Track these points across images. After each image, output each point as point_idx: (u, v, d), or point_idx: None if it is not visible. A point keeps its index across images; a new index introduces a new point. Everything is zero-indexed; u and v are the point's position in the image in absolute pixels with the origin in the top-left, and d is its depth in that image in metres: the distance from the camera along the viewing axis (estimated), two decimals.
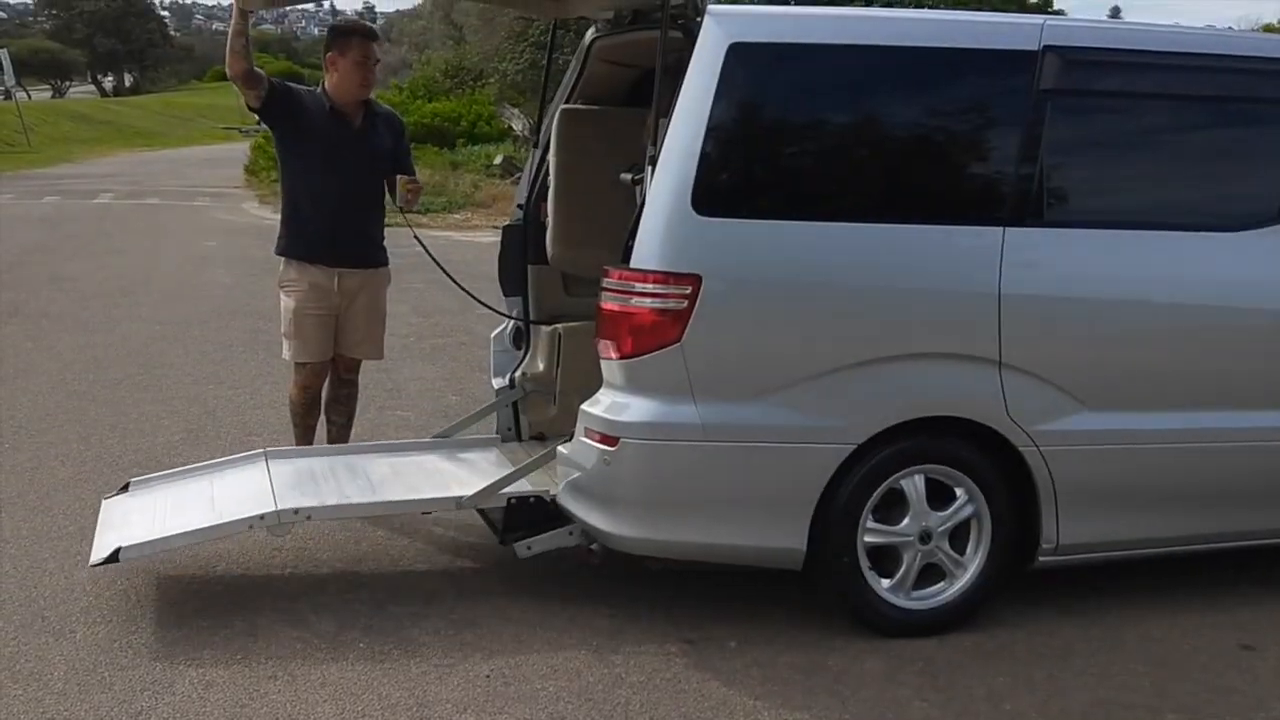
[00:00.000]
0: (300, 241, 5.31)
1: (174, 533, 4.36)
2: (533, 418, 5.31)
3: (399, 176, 5.38)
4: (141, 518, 4.58)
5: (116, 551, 4.24)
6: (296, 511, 4.40)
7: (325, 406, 5.58)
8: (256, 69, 5.06)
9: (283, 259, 5.36)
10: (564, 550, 4.44)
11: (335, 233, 5.26)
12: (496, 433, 5.39)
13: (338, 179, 5.22)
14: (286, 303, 5.32)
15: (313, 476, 4.78)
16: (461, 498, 4.51)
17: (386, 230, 5.55)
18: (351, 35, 5.25)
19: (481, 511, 4.69)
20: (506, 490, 4.47)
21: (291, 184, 5.34)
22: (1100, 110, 4.37)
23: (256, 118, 5.44)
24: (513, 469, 4.62)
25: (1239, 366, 4.41)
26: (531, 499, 4.41)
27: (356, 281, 5.36)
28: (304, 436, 5.54)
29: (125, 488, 4.96)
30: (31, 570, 4.70)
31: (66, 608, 4.39)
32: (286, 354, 5.43)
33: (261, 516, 4.36)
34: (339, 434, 5.60)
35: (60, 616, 4.31)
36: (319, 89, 5.35)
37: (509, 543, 4.42)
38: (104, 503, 4.85)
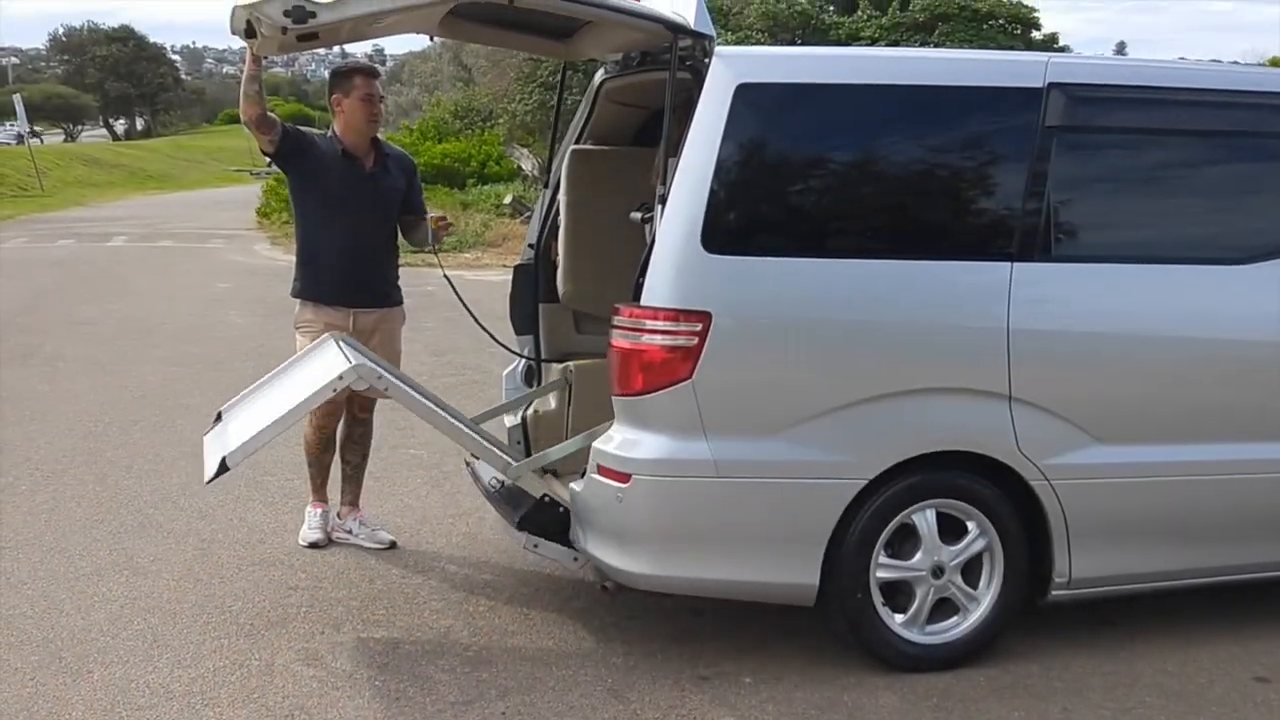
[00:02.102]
0: (315, 283, 5.36)
1: (266, 424, 4.37)
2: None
3: (430, 215, 5.47)
4: (236, 428, 4.62)
5: (222, 461, 4.27)
6: (379, 377, 4.43)
7: (340, 446, 5.61)
8: (270, 114, 5.11)
9: (298, 300, 5.41)
10: (578, 587, 4.44)
11: (350, 274, 5.31)
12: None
13: (352, 220, 5.28)
14: (302, 343, 5.35)
15: (379, 368, 4.76)
16: (510, 465, 4.52)
17: (402, 270, 5.60)
18: (353, 75, 5.32)
19: (495, 502, 4.72)
20: (544, 492, 4.48)
21: (306, 226, 5.40)
22: (1106, 146, 4.41)
23: (268, 160, 5.51)
24: (558, 453, 4.65)
25: (1248, 398, 4.41)
26: (561, 507, 4.42)
27: (372, 321, 5.40)
28: (320, 475, 5.57)
29: (218, 418, 4.98)
30: (49, 611, 4.73)
31: (84, 648, 4.41)
32: None
33: (340, 376, 4.36)
34: (354, 473, 5.63)
35: (77, 657, 4.33)
36: (329, 133, 5.42)
37: (522, 529, 4.42)
38: (205, 438, 4.87)
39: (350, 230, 5.28)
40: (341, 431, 5.59)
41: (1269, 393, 4.40)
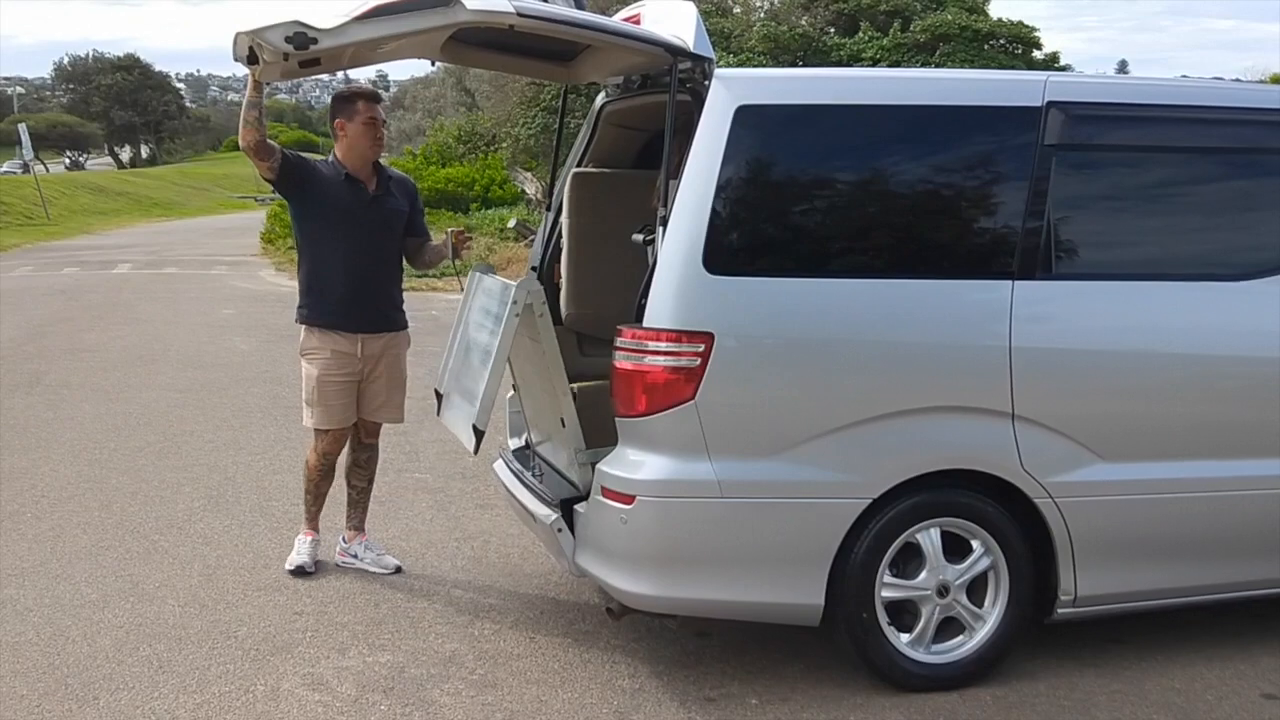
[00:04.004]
0: (321, 309, 5.35)
1: (485, 382, 4.38)
2: None
3: (449, 229, 5.52)
4: (460, 398, 4.73)
5: (474, 429, 4.35)
6: (542, 300, 4.45)
7: (347, 471, 5.61)
8: (269, 141, 5.10)
9: (304, 327, 5.41)
10: (583, 610, 4.42)
11: (356, 298, 5.32)
12: None
13: (356, 245, 5.29)
14: (309, 370, 5.37)
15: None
16: (582, 449, 4.48)
17: (406, 294, 5.61)
18: (355, 99, 5.33)
19: (530, 489, 4.74)
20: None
21: (311, 252, 5.39)
22: (1105, 163, 4.42)
23: (271, 187, 5.51)
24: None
25: (1251, 414, 4.41)
26: None
27: (379, 346, 5.41)
28: (314, 504, 5.54)
29: (439, 396, 5.06)
30: (55, 638, 4.73)
31: (90, 675, 4.41)
32: (308, 421, 5.45)
33: (515, 301, 4.37)
34: (359, 498, 5.63)
35: (83, 684, 4.33)
36: (330, 158, 5.43)
37: (559, 506, 4.39)
38: (442, 419, 5.00)
39: (355, 254, 5.29)
40: (348, 456, 5.59)
41: (1271, 408, 4.40)
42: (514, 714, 4.10)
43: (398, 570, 5.47)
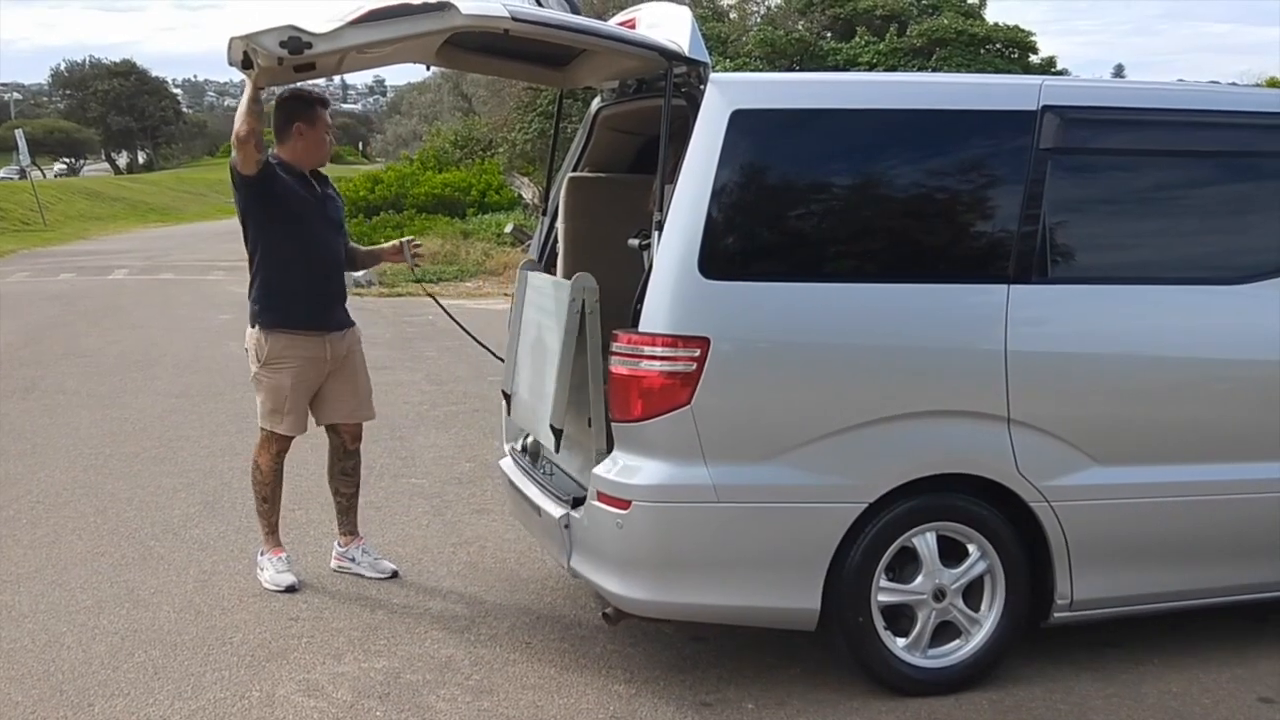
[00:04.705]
0: (289, 312, 5.23)
1: (554, 379, 4.37)
2: None
3: (404, 238, 5.57)
4: (530, 397, 4.79)
5: (553, 429, 4.36)
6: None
7: (333, 480, 5.56)
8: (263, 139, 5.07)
9: (265, 334, 5.24)
10: (579, 615, 4.41)
11: (323, 297, 5.29)
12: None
13: (317, 243, 5.26)
14: (279, 381, 5.22)
15: None
16: (604, 450, 4.39)
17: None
18: (317, 105, 5.28)
19: (540, 485, 4.73)
20: None
21: (276, 255, 5.23)
22: (1101, 167, 4.42)
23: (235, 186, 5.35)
24: None
25: (1246, 417, 4.41)
26: None
27: (344, 345, 5.38)
28: (272, 512, 5.41)
29: (506, 397, 5.09)
30: (50, 644, 4.72)
31: (85, 681, 4.40)
32: (267, 425, 5.30)
33: (573, 299, 4.33)
34: (348, 504, 5.58)
35: (78, 690, 4.33)
36: (272, 157, 5.22)
37: (570, 503, 4.35)
38: (512, 420, 5.03)
39: (318, 253, 5.26)
40: (332, 465, 5.54)
41: (1267, 412, 4.40)
42: (510, 719, 4.09)
43: (394, 575, 5.46)
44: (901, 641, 4.22)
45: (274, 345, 5.23)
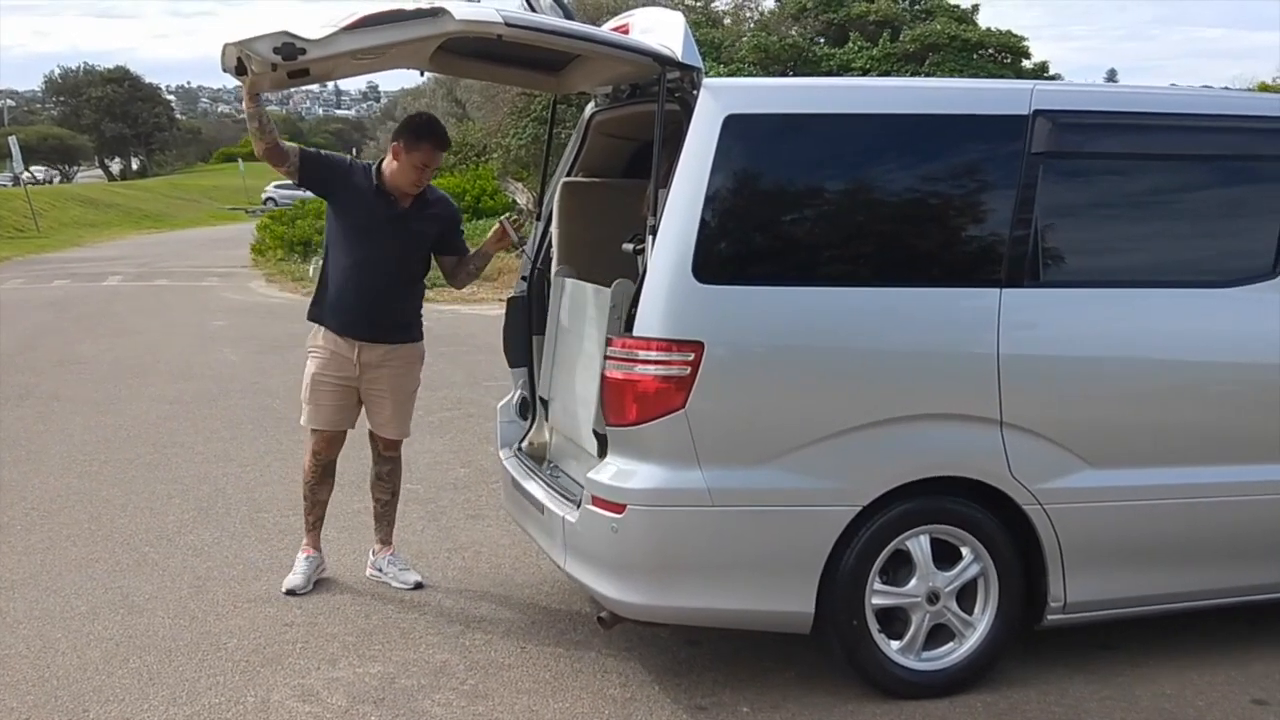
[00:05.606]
0: (326, 309, 5.33)
1: (595, 406, 4.34)
2: None
3: (501, 217, 5.53)
4: (565, 403, 4.85)
5: (597, 435, 4.30)
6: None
7: (370, 484, 5.60)
8: (281, 145, 5.06)
9: (312, 324, 5.40)
10: (574, 619, 4.41)
11: (356, 307, 5.26)
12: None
13: (369, 255, 5.22)
14: (309, 367, 5.36)
15: None
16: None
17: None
18: (424, 140, 5.20)
19: (546, 484, 4.74)
20: None
21: (330, 253, 5.35)
22: (1093, 171, 4.44)
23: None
24: None
25: (1238, 420, 4.43)
26: None
27: (377, 356, 5.33)
28: (311, 512, 5.49)
29: (543, 402, 5.08)
30: (44, 651, 4.72)
31: (79, 687, 4.40)
32: (302, 420, 5.43)
33: (613, 306, 4.33)
34: (385, 511, 5.58)
35: (73, 696, 4.32)
36: (373, 164, 5.34)
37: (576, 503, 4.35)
38: (550, 424, 5.01)
39: (366, 264, 5.22)
40: (371, 470, 5.57)
41: (1260, 415, 4.41)
42: None
43: (417, 587, 5.42)
44: (896, 644, 4.23)
45: (314, 335, 5.39)
